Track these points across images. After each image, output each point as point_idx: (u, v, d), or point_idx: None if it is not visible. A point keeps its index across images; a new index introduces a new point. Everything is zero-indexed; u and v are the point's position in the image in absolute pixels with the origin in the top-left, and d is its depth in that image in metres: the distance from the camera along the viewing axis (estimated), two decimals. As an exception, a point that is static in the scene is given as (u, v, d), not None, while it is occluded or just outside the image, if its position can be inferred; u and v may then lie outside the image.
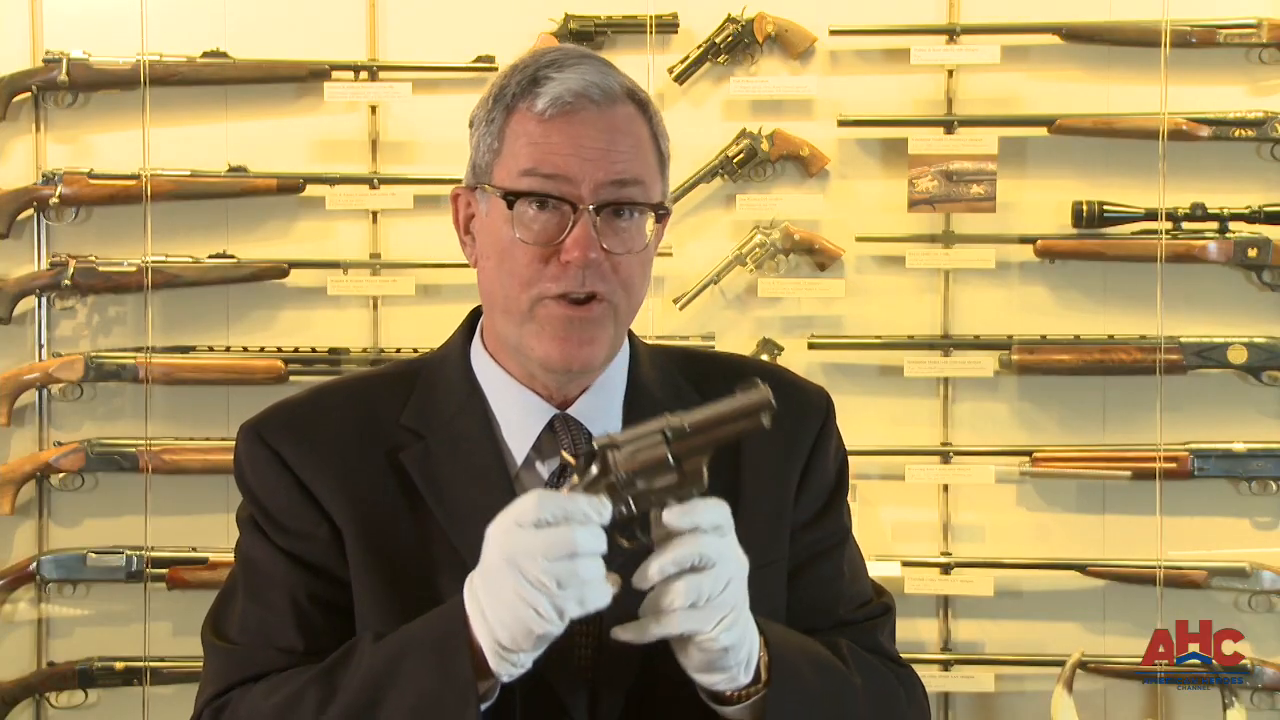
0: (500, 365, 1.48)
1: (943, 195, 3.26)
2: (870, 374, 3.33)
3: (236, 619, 1.44)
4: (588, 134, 1.40)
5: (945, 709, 3.35)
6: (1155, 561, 3.22)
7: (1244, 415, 3.30)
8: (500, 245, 1.42)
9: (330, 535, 1.42)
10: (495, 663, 1.26)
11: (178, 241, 3.33)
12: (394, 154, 3.37)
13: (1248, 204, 3.23)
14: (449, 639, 1.28)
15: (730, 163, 3.31)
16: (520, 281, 1.40)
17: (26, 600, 3.38)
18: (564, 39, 3.30)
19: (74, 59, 3.31)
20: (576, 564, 1.22)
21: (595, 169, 1.39)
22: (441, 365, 1.52)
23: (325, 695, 1.32)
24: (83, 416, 3.39)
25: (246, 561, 1.47)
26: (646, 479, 1.28)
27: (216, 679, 1.43)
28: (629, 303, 1.44)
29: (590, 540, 1.24)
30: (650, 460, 1.28)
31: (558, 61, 1.43)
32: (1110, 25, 3.28)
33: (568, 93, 1.40)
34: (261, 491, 1.46)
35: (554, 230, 1.39)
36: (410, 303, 3.31)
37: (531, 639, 1.24)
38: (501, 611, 1.24)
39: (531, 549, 1.22)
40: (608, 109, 1.42)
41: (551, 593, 1.22)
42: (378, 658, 1.32)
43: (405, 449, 1.44)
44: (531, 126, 1.41)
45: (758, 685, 1.36)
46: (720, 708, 1.37)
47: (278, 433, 1.46)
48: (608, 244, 1.40)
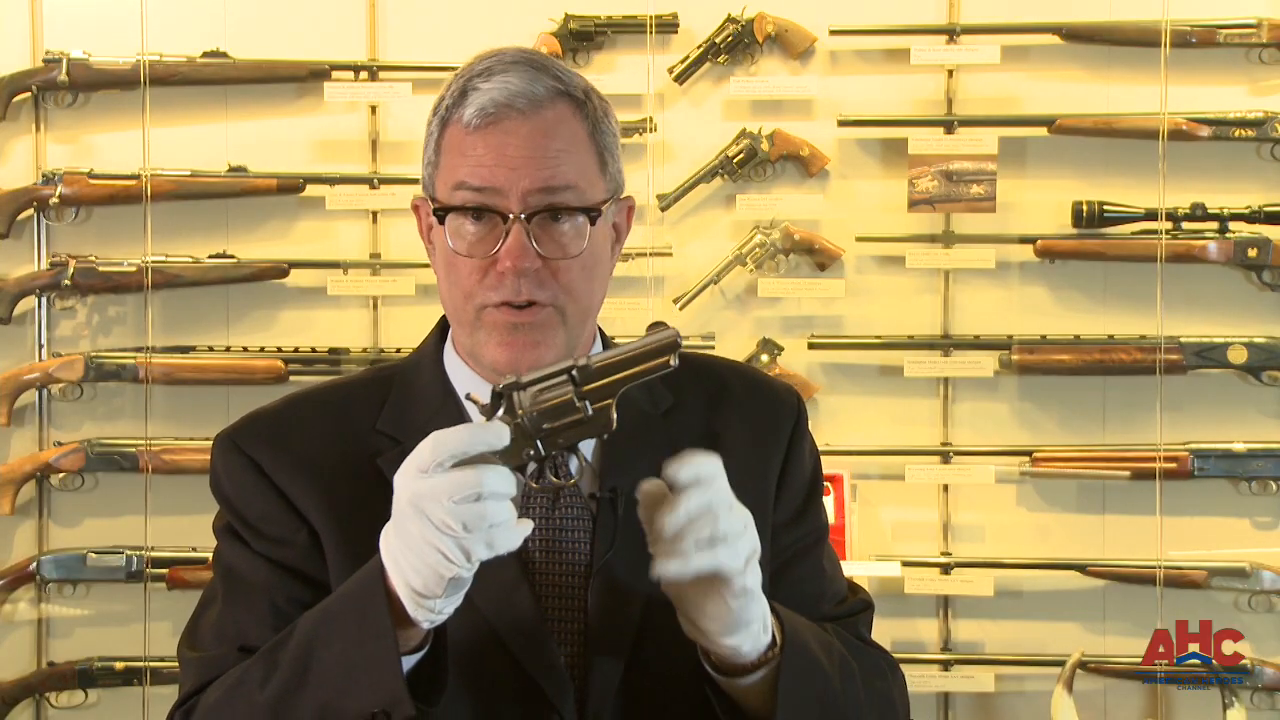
0: (470, 368, 1.49)
1: (943, 195, 3.26)
2: (870, 374, 3.33)
3: (212, 627, 1.44)
4: (512, 143, 1.40)
5: (945, 709, 3.35)
6: (1155, 561, 3.22)
7: (1244, 415, 3.30)
8: (445, 257, 1.44)
9: (309, 540, 1.43)
10: (413, 609, 1.25)
11: (178, 241, 3.33)
12: (394, 154, 3.37)
13: (1248, 204, 3.23)
14: (367, 590, 1.27)
15: (730, 163, 3.31)
16: (463, 292, 1.42)
17: (26, 600, 3.38)
18: (564, 39, 3.30)
19: (74, 59, 3.31)
20: (483, 506, 1.21)
21: (521, 177, 1.39)
22: (416, 370, 1.53)
23: (267, 670, 1.33)
24: (83, 416, 3.39)
25: (225, 570, 1.46)
26: (553, 419, 1.27)
27: (189, 684, 1.42)
28: (576, 306, 1.43)
29: (497, 482, 1.22)
30: (557, 401, 1.27)
31: (488, 70, 1.42)
32: (1110, 25, 3.28)
33: (490, 104, 1.40)
34: (238, 499, 1.46)
35: (489, 241, 1.40)
36: (410, 303, 3.32)
37: (442, 583, 1.23)
38: (411, 557, 1.23)
39: (436, 492, 1.21)
40: (533, 115, 1.41)
41: (458, 535, 1.21)
42: (308, 622, 1.33)
43: (383, 454, 1.44)
44: (461, 139, 1.41)
45: (774, 650, 1.35)
46: (734, 680, 1.36)
47: (253, 441, 1.47)
48: (545, 250, 1.40)
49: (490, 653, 1.40)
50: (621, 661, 1.41)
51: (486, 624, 1.39)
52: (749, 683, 1.36)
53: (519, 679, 1.39)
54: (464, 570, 1.23)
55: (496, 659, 1.40)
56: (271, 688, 1.31)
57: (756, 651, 1.35)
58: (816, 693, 1.38)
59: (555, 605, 1.43)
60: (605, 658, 1.41)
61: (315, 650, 1.30)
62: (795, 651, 1.36)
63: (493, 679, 1.40)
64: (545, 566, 1.43)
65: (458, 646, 1.33)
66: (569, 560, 1.43)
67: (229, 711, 1.34)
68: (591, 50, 3.34)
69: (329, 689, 1.28)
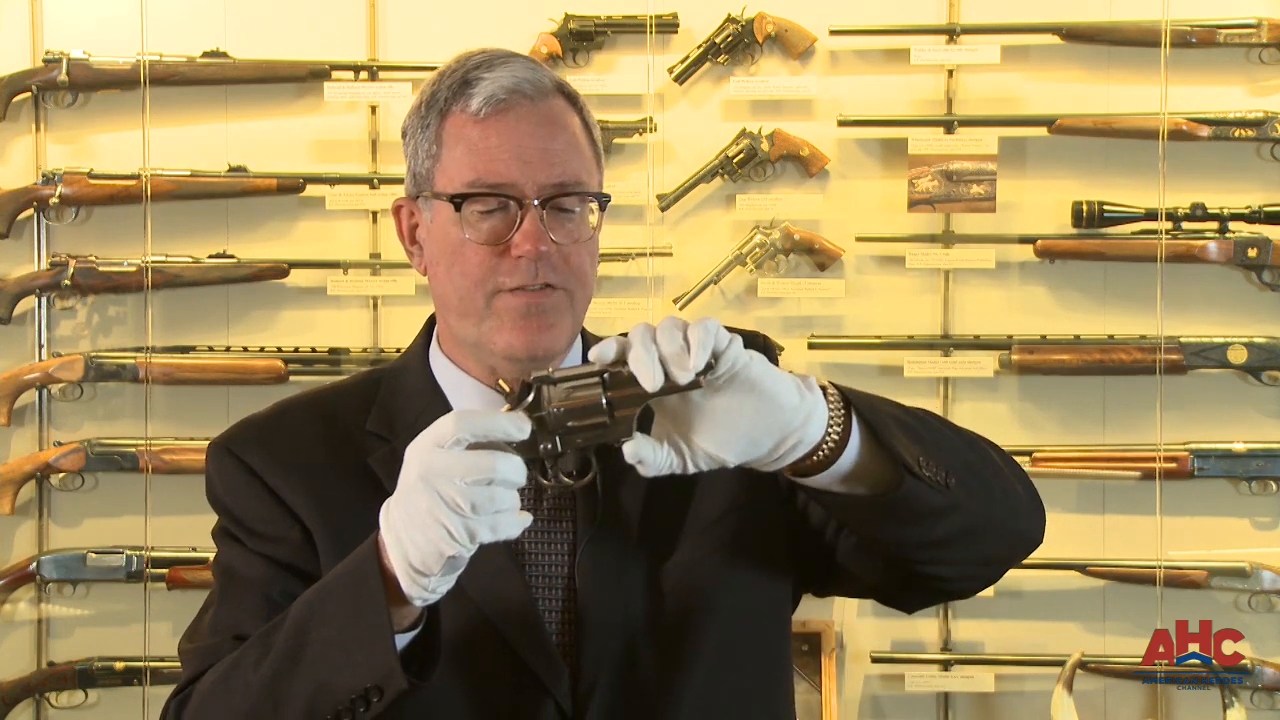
0: (458, 366, 1.51)
1: (943, 195, 3.26)
2: (870, 374, 3.33)
3: (210, 623, 1.46)
4: (525, 131, 1.42)
5: (945, 709, 3.35)
6: (1155, 561, 3.22)
7: (1244, 415, 3.30)
8: (450, 248, 1.45)
9: (302, 537, 1.45)
10: (407, 585, 1.25)
11: (178, 241, 3.33)
12: (394, 154, 3.36)
13: (1248, 204, 3.23)
14: (361, 568, 1.28)
15: (730, 163, 3.31)
16: (474, 280, 1.43)
17: (26, 600, 3.38)
18: (564, 39, 3.30)
19: (74, 59, 3.31)
20: (494, 490, 1.22)
21: (536, 171, 1.42)
22: (403, 372, 1.55)
23: (262, 652, 1.33)
24: (83, 416, 3.39)
25: (223, 571, 1.49)
26: (577, 419, 1.27)
27: (186, 674, 1.44)
28: (583, 291, 1.47)
29: (509, 469, 1.22)
30: (584, 401, 1.27)
31: (486, 62, 1.45)
32: (1110, 25, 3.28)
33: (500, 90, 1.42)
34: (233, 502, 1.48)
35: (503, 228, 1.42)
36: (410, 303, 3.32)
37: (441, 560, 1.23)
38: (414, 531, 1.23)
39: (450, 469, 1.22)
40: (541, 103, 1.44)
41: (465, 514, 1.21)
42: (302, 603, 1.33)
43: (373, 453, 1.46)
44: (469, 129, 1.43)
45: (837, 404, 1.32)
46: (830, 464, 1.31)
47: (245, 445, 1.49)
48: (556, 236, 1.43)
49: (483, 640, 1.41)
50: (612, 642, 1.42)
51: (479, 612, 1.41)
52: (841, 459, 1.31)
53: (513, 665, 1.40)
54: (464, 550, 1.23)
55: (490, 646, 1.41)
56: (265, 668, 1.32)
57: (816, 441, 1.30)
58: (897, 417, 1.35)
59: (544, 590, 1.44)
60: (596, 639, 1.42)
61: (309, 629, 1.31)
62: (859, 394, 1.34)
63: (487, 666, 1.41)
64: (534, 550, 1.45)
65: (451, 636, 1.33)
66: (556, 543, 1.45)
67: (224, 693, 1.35)
68: (591, 50, 3.34)
69: (322, 666, 1.29)
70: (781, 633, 1.56)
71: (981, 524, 1.38)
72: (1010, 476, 1.45)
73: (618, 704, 1.42)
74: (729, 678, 1.47)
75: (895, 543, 1.37)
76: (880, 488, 1.32)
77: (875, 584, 1.50)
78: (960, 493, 1.34)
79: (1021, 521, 1.45)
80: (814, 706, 3.16)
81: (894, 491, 1.31)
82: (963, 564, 1.42)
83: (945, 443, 1.38)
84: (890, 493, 1.31)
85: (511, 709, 1.41)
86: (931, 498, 1.32)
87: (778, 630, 1.55)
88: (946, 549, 1.38)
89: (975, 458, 1.42)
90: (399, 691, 1.26)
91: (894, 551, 1.39)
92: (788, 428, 1.28)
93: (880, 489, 1.32)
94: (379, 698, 1.27)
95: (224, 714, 1.34)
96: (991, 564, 1.47)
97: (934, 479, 1.32)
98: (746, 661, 1.49)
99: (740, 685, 1.48)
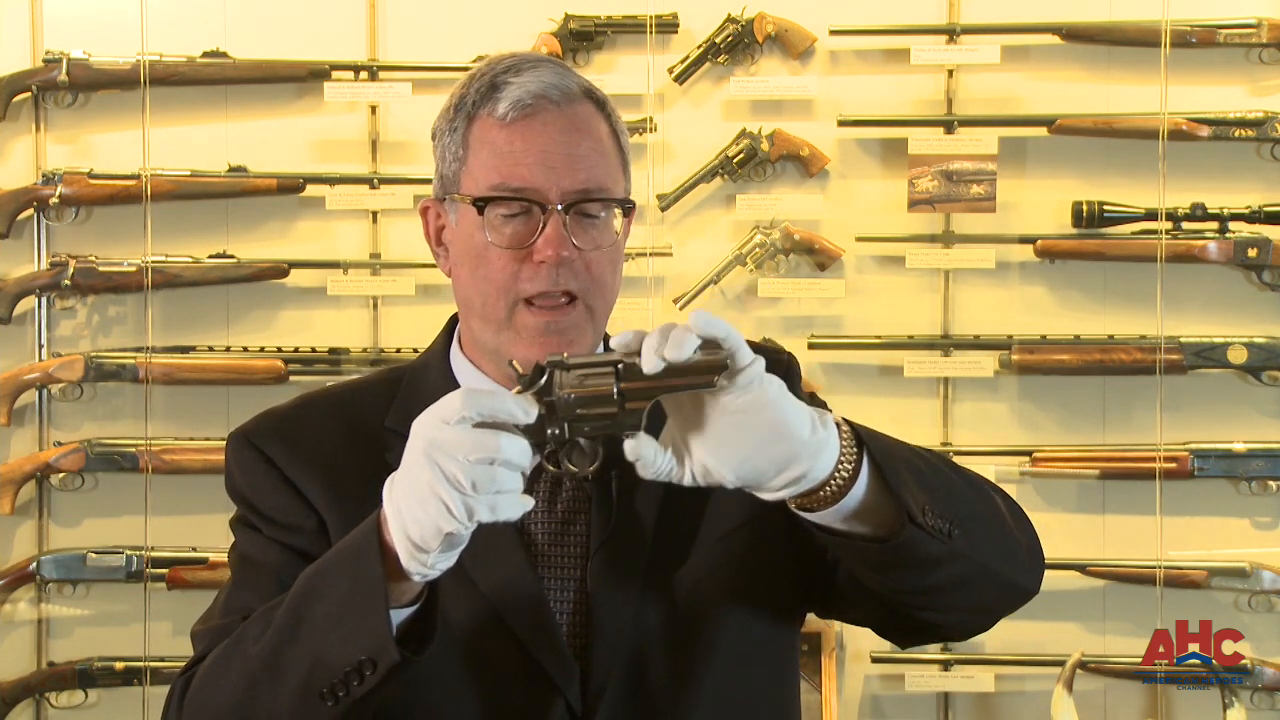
0: (478, 368, 1.51)
1: (943, 195, 3.26)
2: (870, 374, 3.34)
3: (220, 605, 1.47)
4: (550, 136, 1.42)
5: (945, 709, 3.35)
6: (1155, 561, 3.22)
7: (1244, 415, 3.30)
8: (474, 251, 1.45)
9: (318, 526, 1.46)
10: (406, 560, 1.25)
11: (178, 241, 3.33)
12: (394, 154, 3.37)
13: (1248, 204, 3.23)
14: (363, 540, 1.28)
15: (730, 163, 3.31)
16: (496, 287, 1.43)
17: (26, 600, 3.38)
18: (564, 39, 3.30)
19: (74, 59, 3.31)
20: (496, 470, 1.21)
21: (561, 177, 1.42)
22: (424, 370, 1.55)
23: (263, 627, 1.34)
24: (83, 416, 3.39)
25: (239, 557, 1.50)
26: (586, 407, 1.26)
27: (195, 654, 1.45)
28: (604, 301, 1.46)
29: (513, 450, 1.22)
30: (596, 390, 1.26)
31: (515, 67, 1.46)
32: (1110, 25, 3.28)
33: (527, 95, 1.43)
34: (251, 491, 1.49)
35: (526, 233, 1.42)
36: (410, 303, 3.31)
37: (439, 537, 1.22)
38: (414, 506, 1.23)
39: (454, 446, 1.21)
40: (567, 108, 1.44)
41: (465, 492, 1.21)
42: (303, 579, 1.33)
43: (391, 449, 1.44)
44: (495, 133, 1.44)
45: (850, 442, 1.29)
46: (837, 500, 1.29)
47: (265, 437, 1.50)
48: (579, 241, 1.42)
49: (496, 638, 1.41)
50: (623, 646, 1.42)
51: (492, 609, 1.41)
52: (849, 495, 1.29)
53: (525, 663, 1.40)
54: (462, 528, 1.22)
55: (502, 644, 1.41)
56: (265, 642, 1.32)
57: (829, 474, 1.28)
58: (908, 460, 1.33)
59: (557, 589, 1.44)
60: (607, 642, 1.42)
61: (308, 603, 1.31)
62: (873, 434, 1.32)
63: (499, 664, 1.42)
64: (548, 551, 1.45)
65: (463, 632, 1.34)
66: (570, 544, 1.45)
67: (225, 668, 1.36)
68: (591, 50, 3.34)
69: (319, 639, 1.29)
70: (790, 644, 1.57)
71: (977, 574, 1.39)
72: (1014, 528, 1.45)
73: (627, 707, 1.42)
74: (738, 686, 1.47)
75: (890, 586, 1.37)
76: (882, 530, 1.31)
77: (869, 617, 1.51)
78: (961, 543, 1.34)
79: (1019, 575, 1.46)
80: (814, 706, 3.16)
81: (894, 537, 1.31)
82: (954, 610, 1.44)
83: (954, 490, 1.37)
84: (891, 538, 1.31)
85: (522, 707, 1.42)
86: (931, 546, 1.32)
87: (787, 641, 1.56)
88: (939, 595, 1.38)
89: (982, 508, 1.41)
90: (392, 665, 1.26)
91: (887, 594, 1.39)
92: (794, 458, 1.26)
93: (882, 532, 1.31)
94: (372, 670, 1.26)
95: (225, 687, 1.35)
96: (982, 613, 1.48)
97: (937, 528, 1.31)
98: (756, 671, 1.49)
99: (749, 694, 1.49)
